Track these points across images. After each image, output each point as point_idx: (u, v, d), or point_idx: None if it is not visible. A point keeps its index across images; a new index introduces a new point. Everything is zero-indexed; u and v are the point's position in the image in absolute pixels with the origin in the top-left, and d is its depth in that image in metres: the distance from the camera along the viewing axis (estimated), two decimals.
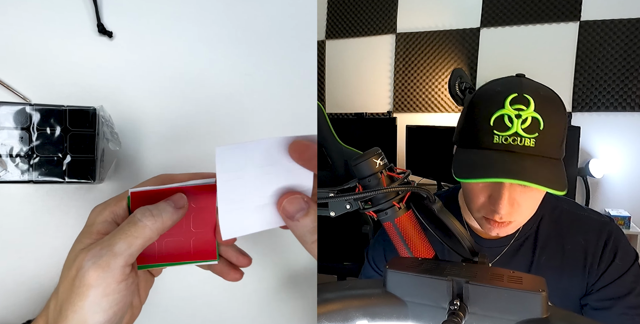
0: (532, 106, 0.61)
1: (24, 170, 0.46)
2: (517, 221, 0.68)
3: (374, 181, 0.46)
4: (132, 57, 0.54)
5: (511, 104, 0.61)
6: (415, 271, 0.39)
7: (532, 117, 0.61)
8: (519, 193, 0.64)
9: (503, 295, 0.35)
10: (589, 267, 0.71)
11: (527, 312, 0.35)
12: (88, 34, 0.53)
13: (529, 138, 0.60)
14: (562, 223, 0.75)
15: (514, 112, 0.61)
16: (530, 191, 0.64)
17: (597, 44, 2.35)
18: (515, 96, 0.62)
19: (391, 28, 2.85)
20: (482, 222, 0.69)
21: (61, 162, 0.46)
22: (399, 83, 2.86)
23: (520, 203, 0.65)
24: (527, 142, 0.60)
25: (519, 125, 0.61)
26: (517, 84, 0.64)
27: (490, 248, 0.76)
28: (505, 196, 0.63)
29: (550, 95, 0.65)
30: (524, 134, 0.60)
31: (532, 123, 0.61)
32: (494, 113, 0.62)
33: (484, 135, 0.63)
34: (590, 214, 0.76)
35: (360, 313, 0.40)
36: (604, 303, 0.71)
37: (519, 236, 0.75)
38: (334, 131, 1.75)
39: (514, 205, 0.65)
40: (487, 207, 0.67)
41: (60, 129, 0.46)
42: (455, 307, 0.36)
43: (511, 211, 0.65)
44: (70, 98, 0.52)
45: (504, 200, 0.63)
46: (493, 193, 0.65)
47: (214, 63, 0.56)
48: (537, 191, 0.65)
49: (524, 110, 0.61)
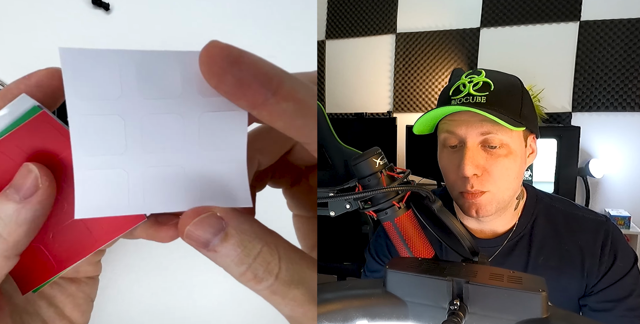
0: (483, 74, 0.69)
1: None
2: (491, 193, 0.68)
3: (373, 181, 0.46)
4: (132, 34, 0.48)
5: (466, 76, 0.70)
6: (415, 271, 0.39)
7: (483, 81, 0.68)
8: (485, 159, 0.66)
9: (503, 295, 0.35)
10: (587, 268, 0.71)
11: (527, 312, 0.35)
12: (81, 5, 0.46)
13: (480, 96, 0.66)
14: (558, 223, 0.75)
15: (467, 79, 0.69)
16: (498, 157, 0.66)
17: (597, 44, 2.35)
18: (470, 71, 0.71)
19: (391, 28, 2.85)
20: (459, 201, 0.71)
21: None
22: (399, 83, 2.86)
23: (490, 171, 0.67)
24: (478, 99, 0.66)
25: (471, 88, 0.67)
26: (477, 68, 0.73)
27: (484, 248, 0.76)
28: (468, 156, 0.66)
29: (506, 74, 0.72)
30: (475, 93, 0.67)
31: (482, 85, 0.67)
32: (453, 86, 0.70)
33: (444, 103, 0.69)
34: (585, 213, 0.76)
35: (360, 313, 0.40)
36: (605, 305, 0.70)
37: (513, 236, 0.75)
38: (334, 131, 1.75)
39: (482, 170, 0.66)
40: (459, 179, 0.68)
41: None
42: (455, 307, 0.35)
43: (480, 177, 0.66)
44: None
45: (467, 159, 0.65)
46: (459, 161, 0.67)
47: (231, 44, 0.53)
48: (507, 159, 0.67)
49: (475, 77, 0.69)
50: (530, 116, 0.70)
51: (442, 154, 0.72)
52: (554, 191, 1.92)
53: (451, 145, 0.70)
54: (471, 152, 0.66)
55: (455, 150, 0.69)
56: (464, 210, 0.70)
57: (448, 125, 0.69)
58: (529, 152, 0.72)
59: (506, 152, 0.67)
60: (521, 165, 0.69)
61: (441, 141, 0.72)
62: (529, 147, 0.72)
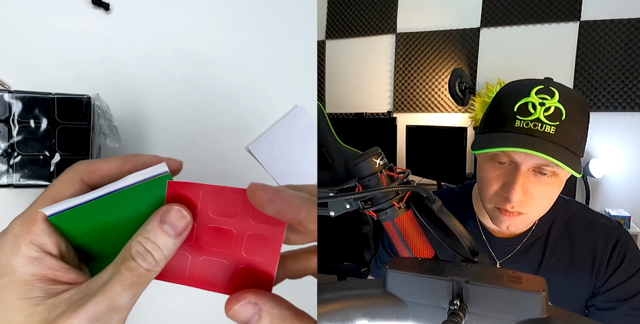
0: (557, 97, 0.62)
1: (3, 171, 0.37)
2: (528, 215, 0.68)
3: (373, 181, 0.46)
4: (133, 35, 0.46)
5: (537, 94, 0.63)
6: (415, 271, 0.39)
7: (556, 106, 0.62)
8: (533, 184, 0.65)
9: (503, 295, 0.35)
10: (596, 269, 0.72)
11: (527, 312, 0.35)
12: (80, 6, 0.44)
13: (550, 125, 0.61)
14: (573, 226, 0.76)
15: (538, 100, 0.63)
16: (545, 184, 0.65)
17: (597, 44, 2.35)
18: (541, 87, 0.64)
19: (391, 28, 2.85)
20: (493, 213, 0.70)
21: (48, 161, 0.38)
22: (399, 83, 2.86)
23: (534, 195, 0.65)
24: (547, 129, 0.61)
25: (542, 112, 0.62)
26: (545, 80, 0.66)
27: (502, 246, 0.77)
28: (519, 182, 0.63)
29: (575, 93, 0.67)
30: (545, 121, 0.62)
31: (554, 111, 0.62)
32: (519, 100, 0.64)
33: (506, 120, 0.64)
34: (600, 218, 0.77)
35: (360, 313, 0.40)
36: (610, 304, 0.72)
37: (531, 236, 0.76)
38: (334, 131, 1.75)
39: (527, 195, 0.65)
40: (500, 195, 0.67)
41: (47, 122, 0.38)
42: (455, 307, 0.35)
43: (523, 201, 0.65)
44: (59, 84, 0.43)
45: (517, 185, 0.63)
46: (507, 181, 0.66)
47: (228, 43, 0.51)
48: (552, 186, 0.66)
49: (548, 99, 0.62)
50: (585, 143, 0.67)
51: (486, 165, 0.69)
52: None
53: (499, 161, 0.67)
54: (523, 179, 0.63)
55: (503, 167, 0.67)
56: (495, 222, 0.70)
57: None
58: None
59: (554, 180, 0.65)
60: (561, 189, 0.69)
61: (489, 153, 0.68)
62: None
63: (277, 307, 0.30)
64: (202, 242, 0.32)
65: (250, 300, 0.30)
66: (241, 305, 0.30)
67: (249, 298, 0.30)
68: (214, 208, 0.32)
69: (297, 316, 0.30)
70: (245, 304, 0.30)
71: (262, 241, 0.32)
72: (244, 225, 0.32)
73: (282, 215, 0.30)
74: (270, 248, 0.32)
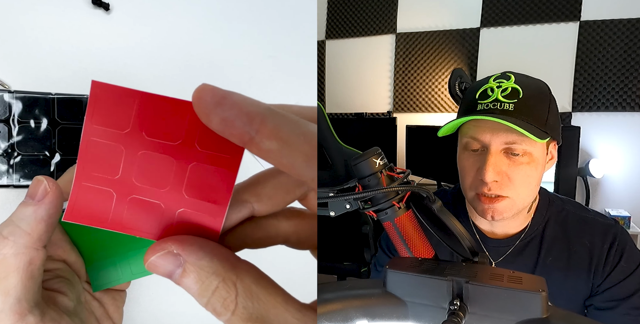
0: (513, 79, 0.67)
1: (3, 171, 0.36)
2: (511, 199, 0.68)
3: (373, 181, 0.46)
4: (133, 35, 0.46)
5: (494, 80, 0.69)
6: (415, 271, 0.39)
7: (512, 87, 0.67)
8: (507, 166, 0.66)
9: (503, 295, 0.35)
10: (594, 269, 0.72)
11: (527, 312, 0.35)
12: (80, 6, 0.44)
13: (508, 103, 0.65)
14: (568, 225, 0.76)
15: (495, 84, 0.68)
16: (519, 164, 0.66)
17: (597, 44, 2.35)
18: (499, 74, 0.70)
19: (391, 28, 2.85)
20: (474, 203, 0.71)
21: (48, 161, 0.38)
22: (399, 83, 2.86)
23: (511, 177, 0.66)
24: (506, 106, 0.65)
25: (499, 93, 0.66)
26: (505, 72, 0.71)
27: (497, 247, 0.77)
28: (490, 162, 0.65)
29: (533, 78, 0.71)
30: (503, 100, 0.66)
31: (511, 91, 0.66)
32: (479, 88, 0.69)
33: (469, 106, 0.69)
34: (595, 216, 0.77)
35: (360, 313, 0.40)
36: (608, 304, 0.71)
37: (525, 236, 0.76)
38: (334, 131, 1.75)
39: (502, 176, 0.66)
40: (476, 180, 0.68)
41: (47, 122, 0.38)
42: (455, 307, 0.35)
43: (500, 182, 0.66)
44: (59, 84, 0.43)
45: (488, 165, 0.65)
46: (480, 165, 0.67)
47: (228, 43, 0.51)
48: (529, 167, 0.67)
49: (504, 82, 0.68)
50: (555, 123, 0.69)
51: (462, 155, 0.72)
52: (554, 191, 1.92)
53: (473, 149, 0.69)
54: (494, 158, 0.66)
55: (477, 154, 0.69)
56: (480, 212, 0.70)
57: (472, 130, 0.68)
58: (548, 158, 0.72)
59: (528, 160, 0.66)
60: (541, 172, 0.70)
61: (462, 143, 0.71)
62: (549, 153, 0.72)
63: (207, 258, 0.25)
64: (131, 176, 0.26)
65: (172, 250, 0.25)
66: (159, 256, 0.25)
67: (169, 247, 0.25)
68: (151, 126, 0.25)
69: (233, 268, 0.25)
70: (165, 254, 0.25)
71: (210, 175, 0.25)
72: (186, 152, 0.25)
73: (230, 126, 0.23)
74: (220, 186, 0.26)
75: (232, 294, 0.25)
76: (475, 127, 0.68)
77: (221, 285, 0.25)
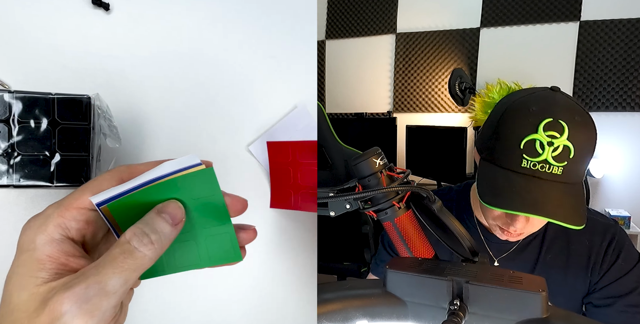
0: (566, 134, 0.59)
1: (3, 171, 0.36)
2: (527, 233, 0.72)
3: (373, 181, 0.46)
4: (133, 35, 0.46)
5: (544, 130, 0.59)
6: (415, 271, 0.39)
7: (564, 145, 0.59)
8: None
9: (503, 295, 0.35)
10: (592, 267, 0.73)
11: (527, 312, 0.35)
12: (80, 5, 0.44)
13: (558, 166, 0.59)
14: None
15: (546, 138, 0.59)
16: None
17: (597, 44, 2.35)
18: (549, 121, 0.60)
19: (391, 28, 2.85)
20: (495, 228, 0.73)
21: (48, 161, 0.38)
22: (399, 83, 2.86)
23: (534, 222, 0.68)
24: (555, 170, 0.59)
25: (550, 153, 0.59)
26: (553, 104, 0.62)
27: (499, 245, 0.78)
28: (523, 219, 0.66)
29: (585, 120, 0.62)
30: (553, 162, 0.59)
31: (562, 151, 0.59)
32: (526, 136, 0.60)
33: (513, 158, 0.61)
34: (596, 217, 0.78)
35: (360, 313, 0.40)
36: (606, 301, 0.72)
37: (528, 236, 0.77)
38: (334, 131, 1.75)
39: (529, 222, 0.67)
40: (504, 219, 0.69)
41: (47, 122, 0.37)
42: (455, 307, 0.35)
43: (525, 227, 0.68)
44: (59, 84, 0.43)
45: (520, 222, 0.66)
46: (510, 220, 0.68)
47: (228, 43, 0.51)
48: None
49: (557, 137, 0.59)
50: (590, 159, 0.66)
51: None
52: None
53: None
54: (523, 224, 0.66)
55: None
56: (496, 234, 0.74)
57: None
58: None
59: None
60: None
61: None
62: None
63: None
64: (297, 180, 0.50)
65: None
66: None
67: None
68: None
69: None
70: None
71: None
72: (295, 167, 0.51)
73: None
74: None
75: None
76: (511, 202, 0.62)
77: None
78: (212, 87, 0.55)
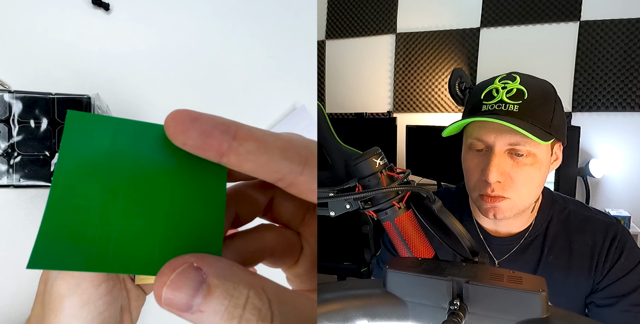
0: (518, 80, 0.67)
1: (3, 171, 0.36)
2: (512, 200, 0.68)
3: (373, 181, 0.46)
4: (133, 35, 0.46)
5: (500, 81, 0.69)
6: (415, 271, 0.39)
7: (517, 88, 0.67)
8: (510, 166, 0.66)
9: (503, 295, 0.35)
10: (594, 266, 0.73)
11: (527, 312, 0.35)
12: (80, 6, 0.44)
13: (513, 104, 0.66)
14: (570, 224, 0.76)
15: (500, 85, 0.68)
16: (523, 165, 0.66)
17: (597, 44, 2.35)
18: (504, 75, 0.70)
19: (391, 28, 2.85)
20: (478, 203, 0.71)
21: (48, 161, 0.37)
22: (399, 83, 2.86)
23: (514, 178, 0.67)
24: (511, 107, 0.66)
25: (504, 94, 0.67)
26: (510, 72, 0.71)
27: (500, 246, 0.77)
28: (494, 163, 0.66)
29: (539, 79, 0.70)
30: (508, 101, 0.66)
31: (516, 92, 0.66)
32: (485, 89, 0.69)
33: (474, 107, 0.69)
34: (597, 215, 0.77)
35: (360, 313, 0.40)
36: (608, 301, 0.72)
37: (529, 235, 0.76)
38: (334, 131, 1.75)
39: (505, 177, 0.66)
40: (480, 181, 0.69)
41: (47, 122, 0.37)
42: (455, 307, 0.35)
43: (503, 183, 0.67)
44: (59, 84, 0.43)
45: (492, 166, 0.65)
46: (484, 165, 0.67)
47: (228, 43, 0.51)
48: (532, 168, 0.67)
49: (509, 83, 0.68)
50: (560, 124, 0.70)
51: (467, 156, 0.73)
52: (554, 191, 1.92)
53: (477, 149, 0.70)
54: (498, 159, 0.66)
55: (481, 154, 0.69)
56: (483, 211, 0.71)
57: (477, 131, 0.69)
58: (553, 159, 0.72)
59: (532, 161, 0.67)
60: (545, 173, 0.70)
61: (467, 144, 0.72)
62: (554, 154, 0.72)
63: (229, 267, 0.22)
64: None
65: (191, 263, 0.22)
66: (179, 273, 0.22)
67: (188, 259, 0.22)
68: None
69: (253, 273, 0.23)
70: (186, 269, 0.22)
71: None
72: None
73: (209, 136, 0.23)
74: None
75: (265, 302, 0.21)
76: (480, 128, 0.68)
77: (252, 293, 0.21)
78: (212, 87, 0.55)
